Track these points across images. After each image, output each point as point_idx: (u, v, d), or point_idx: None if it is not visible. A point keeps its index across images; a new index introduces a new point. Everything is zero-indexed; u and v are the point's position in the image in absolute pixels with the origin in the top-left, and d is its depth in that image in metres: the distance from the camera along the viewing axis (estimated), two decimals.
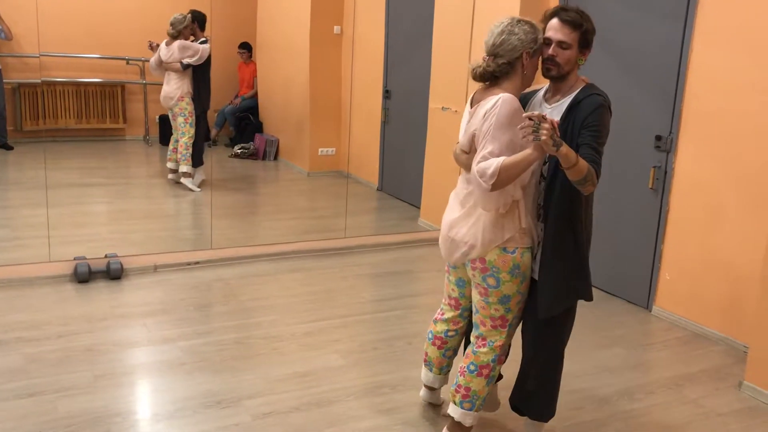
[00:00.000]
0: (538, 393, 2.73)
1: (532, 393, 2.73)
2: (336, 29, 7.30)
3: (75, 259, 4.49)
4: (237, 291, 4.44)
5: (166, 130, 6.48)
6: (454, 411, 2.75)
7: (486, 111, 2.46)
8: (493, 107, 2.43)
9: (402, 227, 5.94)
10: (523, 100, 2.64)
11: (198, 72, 6.23)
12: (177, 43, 6.09)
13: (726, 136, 3.92)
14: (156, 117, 6.55)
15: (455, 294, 2.86)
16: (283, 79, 7.68)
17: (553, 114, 2.52)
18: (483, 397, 2.73)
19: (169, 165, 6.37)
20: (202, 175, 6.38)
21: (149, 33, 6.18)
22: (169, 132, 6.44)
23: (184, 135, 6.17)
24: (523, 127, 2.28)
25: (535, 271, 2.61)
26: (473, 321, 2.74)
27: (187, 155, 6.19)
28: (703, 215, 4.06)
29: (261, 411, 3.05)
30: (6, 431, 2.81)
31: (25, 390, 3.12)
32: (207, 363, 3.46)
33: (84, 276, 4.39)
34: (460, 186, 2.68)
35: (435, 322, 2.97)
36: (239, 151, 7.64)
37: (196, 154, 6.30)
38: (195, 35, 6.20)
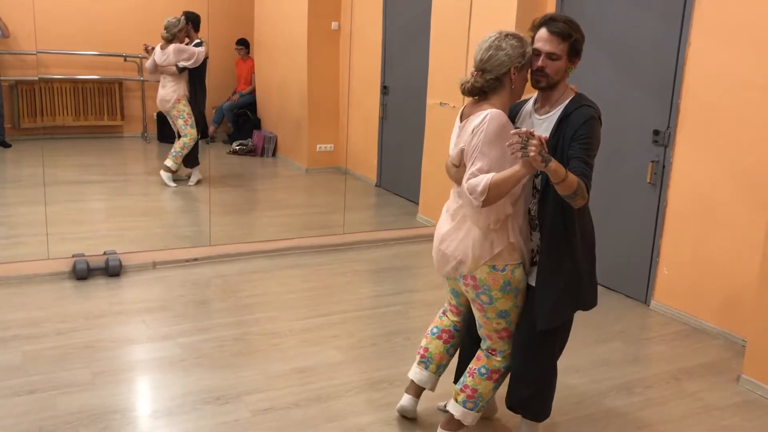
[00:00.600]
0: (531, 397, 2.72)
1: (526, 397, 2.72)
2: (334, 25, 7.29)
3: (74, 257, 4.49)
4: (236, 287, 4.44)
5: (163, 127, 6.48)
6: (455, 409, 2.75)
7: (474, 127, 2.44)
8: (482, 123, 2.41)
9: (400, 223, 5.95)
10: (513, 111, 2.63)
11: (194, 74, 6.21)
12: (172, 47, 6.07)
13: (724, 130, 3.92)
14: (154, 114, 6.55)
15: (453, 302, 2.89)
16: (281, 76, 7.68)
17: (543, 126, 2.50)
18: (487, 400, 2.75)
19: (166, 162, 6.37)
20: (198, 175, 6.38)
21: (146, 30, 6.18)
22: (168, 129, 6.45)
23: (186, 136, 6.17)
24: (512, 144, 2.26)
25: (532, 279, 2.59)
26: (480, 334, 2.74)
27: (181, 153, 6.17)
28: (701, 210, 4.07)
29: (260, 407, 3.06)
30: (5, 428, 2.81)
31: (24, 387, 3.12)
32: (206, 359, 3.47)
33: (83, 273, 4.39)
34: (451, 199, 2.67)
35: (441, 317, 2.96)
36: (237, 148, 7.65)
37: (191, 154, 6.29)
38: (190, 37, 6.17)
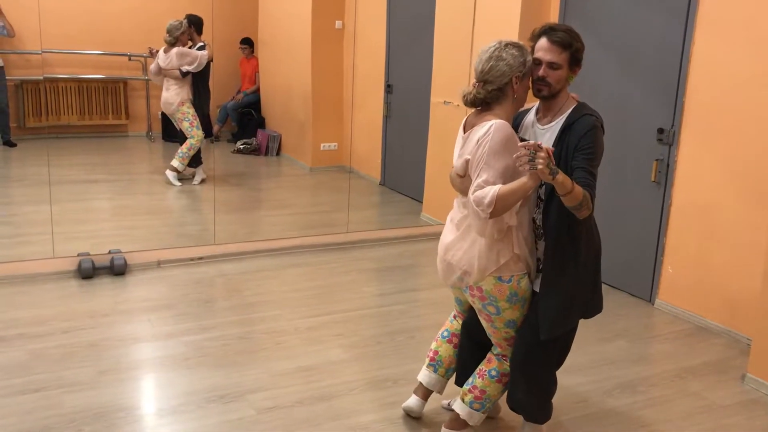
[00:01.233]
0: (529, 402, 2.71)
1: (523, 401, 2.71)
2: (337, 24, 7.29)
3: (79, 256, 4.51)
4: (240, 286, 4.45)
5: (168, 126, 6.49)
6: (461, 409, 2.75)
7: (479, 138, 2.43)
8: (486, 134, 2.41)
9: (404, 222, 5.95)
10: (515, 120, 2.62)
11: (197, 78, 6.21)
12: (175, 50, 6.07)
13: (728, 129, 3.91)
14: (158, 113, 6.56)
15: (458, 309, 2.90)
16: (285, 75, 7.69)
17: (546, 136, 2.50)
18: (493, 402, 2.76)
19: (173, 162, 6.39)
20: (202, 174, 6.40)
21: (151, 29, 6.19)
22: (172, 128, 6.45)
23: (193, 138, 6.17)
24: (519, 156, 2.26)
25: (537, 285, 2.57)
26: (491, 339, 2.73)
27: (188, 155, 6.19)
28: (706, 208, 4.06)
29: (264, 405, 3.07)
30: (11, 426, 2.82)
31: (30, 386, 3.13)
32: (210, 358, 3.48)
33: (88, 272, 4.41)
34: (455, 209, 2.66)
35: (451, 321, 2.96)
36: (242, 147, 7.66)
37: (194, 154, 6.31)
38: (192, 40, 6.17)
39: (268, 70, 7.80)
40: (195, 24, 6.15)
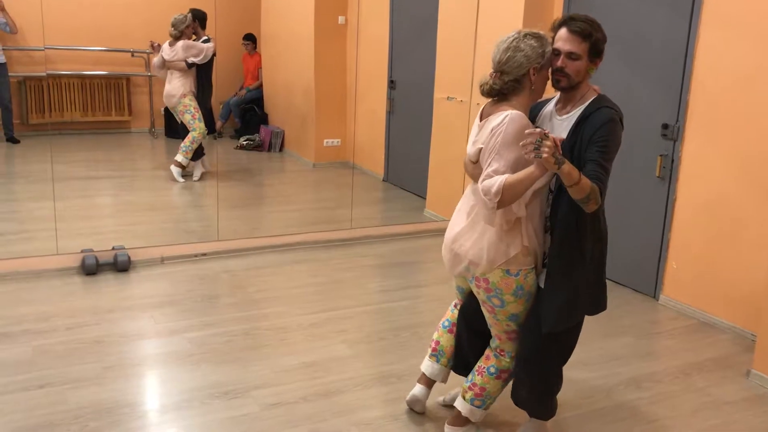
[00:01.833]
0: (532, 399, 2.69)
1: (527, 398, 2.70)
2: (340, 20, 7.27)
3: (82, 252, 4.51)
4: (244, 282, 4.45)
5: (171, 122, 6.50)
6: (462, 406, 2.75)
7: (494, 127, 2.41)
8: (500, 124, 2.38)
9: (408, 218, 5.94)
10: (534, 110, 2.60)
11: (201, 70, 6.25)
12: (181, 43, 6.11)
13: (733, 124, 3.89)
14: (161, 109, 6.56)
15: (460, 297, 2.89)
16: (288, 71, 7.68)
17: (563, 127, 2.46)
18: (494, 399, 2.75)
19: (177, 157, 6.39)
20: (201, 168, 6.40)
21: (153, 25, 6.18)
22: (175, 124, 6.46)
23: (194, 130, 6.18)
24: (525, 144, 2.24)
25: (541, 280, 2.55)
26: (491, 332, 2.72)
27: (191, 148, 6.19)
28: (711, 204, 4.04)
29: (268, 401, 3.07)
30: (16, 422, 2.83)
31: (35, 382, 3.13)
32: (214, 354, 3.48)
33: (91, 268, 4.41)
34: (464, 198, 2.64)
35: (452, 310, 2.96)
36: (245, 143, 7.65)
37: (197, 147, 6.33)
38: (197, 34, 6.22)
39: (270, 66, 7.79)
40: (199, 18, 6.19)
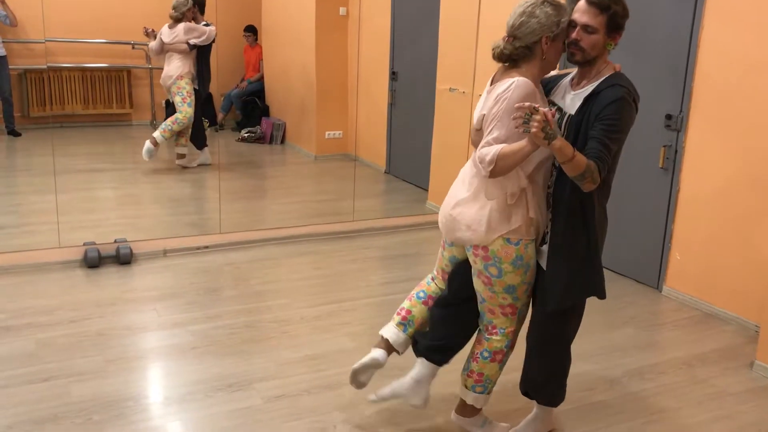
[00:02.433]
0: (545, 382, 2.70)
1: (539, 382, 2.70)
2: (342, 11, 7.24)
3: (84, 245, 4.51)
4: (246, 275, 4.44)
5: (172, 114, 6.48)
6: (466, 395, 2.74)
7: (498, 94, 2.36)
8: (506, 91, 2.34)
9: (410, 210, 5.93)
10: (551, 83, 2.55)
11: (201, 54, 6.25)
12: (182, 25, 6.11)
13: (737, 115, 3.87)
14: (162, 101, 6.54)
15: (448, 269, 2.77)
16: (289, 62, 7.65)
17: (575, 102, 2.41)
18: (494, 381, 2.73)
19: (177, 150, 6.38)
20: (202, 159, 6.41)
21: (153, 17, 6.17)
22: None
23: (180, 113, 6.17)
24: (515, 117, 2.21)
25: (543, 261, 2.53)
26: (480, 310, 2.68)
27: (170, 128, 6.17)
28: (714, 195, 4.03)
29: (272, 394, 3.07)
30: (21, 414, 2.83)
31: (38, 375, 3.14)
32: (217, 347, 3.48)
33: (94, 261, 4.41)
34: (468, 165, 2.58)
35: (429, 282, 2.86)
36: (246, 135, 7.64)
37: (200, 135, 6.34)
38: (195, 19, 6.22)
39: (272, 57, 7.77)
40: (199, 4, 6.22)
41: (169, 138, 6.22)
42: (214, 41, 6.26)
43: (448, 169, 5.71)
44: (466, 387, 2.74)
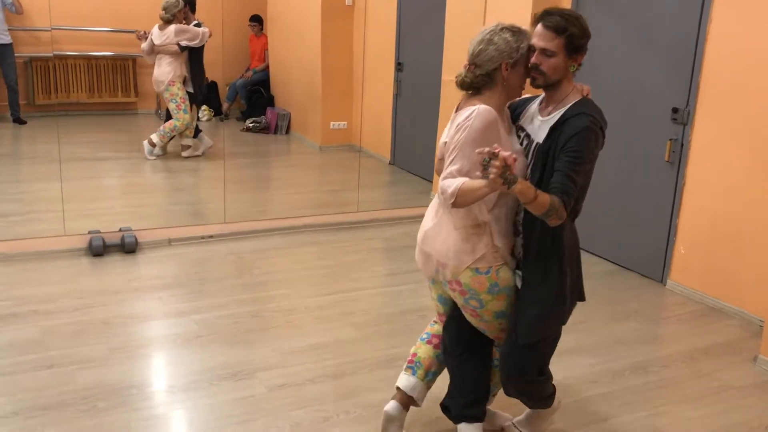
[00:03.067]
0: (528, 398, 2.62)
1: (523, 397, 2.61)
2: (348, 1, 7.22)
3: (89, 233, 4.51)
4: (251, 264, 4.45)
5: (170, 118, 6.48)
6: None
7: (459, 123, 2.31)
8: (466, 119, 2.29)
9: (414, 201, 5.92)
10: (520, 107, 2.50)
11: (192, 55, 6.21)
12: (173, 27, 6.07)
13: (744, 108, 3.86)
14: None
15: (441, 310, 2.70)
16: (295, 52, 7.63)
17: (543, 129, 2.34)
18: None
19: (183, 142, 6.38)
20: (203, 144, 6.42)
21: (159, 6, 6.15)
22: None
23: (177, 120, 6.15)
24: (476, 162, 2.14)
25: (518, 281, 2.45)
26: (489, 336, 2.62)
27: (169, 135, 6.19)
28: (720, 189, 4.02)
29: (275, 383, 3.08)
30: (26, 401, 2.84)
31: (43, 362, 3.15)
32: (221, 336, 3.49)
33: (99, 249, 4.42)
34: (437, 194, 2.50)
35: (432, 324, 2.80)
36: (251, 125, 7.63)
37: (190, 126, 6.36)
38: (187, 18, 6.16)
39: (277, 47, 7.75)
40: (189, 3, 6.16)
41: (167, 142, 6.25)
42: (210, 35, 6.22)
43: None
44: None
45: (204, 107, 6.98)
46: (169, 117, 6.22)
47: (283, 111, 7.76)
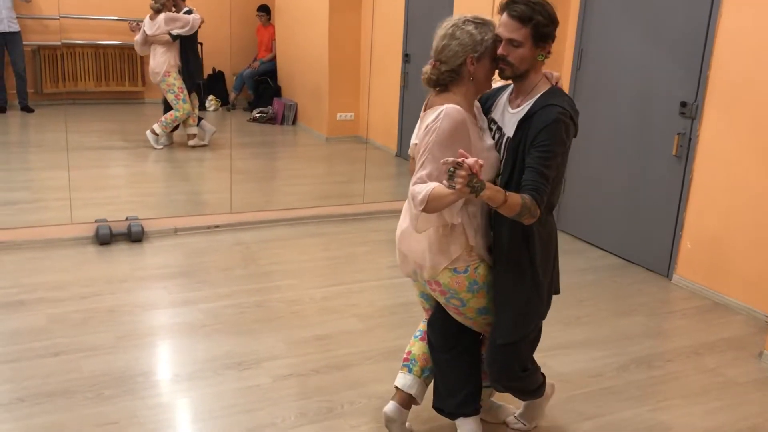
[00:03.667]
0: (520, 393, 2.62)
1: (516, 393, 2.62)
2: None
3: (96, 222, 4.53)
4: (256, 255, 4.46)
5: (169, 109, 6.47)
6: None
7: (428, 125, 2.25)
8: (435, 120, 2.23)
9: None
10: (491, 99, 2.46)
11: (185, 43, 6.17)
12: (162, 16, 6.03)
13: (753, 103, 3.83)
14: None
15: (426, 306, 2.68)
16: (302, 43, 7.62)
17: (513, 122, 2.30)
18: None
19: (188, 131, 6.39)
20: (207, 132, 6.42)
21: None
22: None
23: (177, 111, 6.15)
24: (442, 172, 2.08)
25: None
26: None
27: (170, 125, 6.18)
28: (727, 184, 4.00)
29: (280, 373, 3.09)
30: (33, 388, 2.86)
31: (50, 349, 3.17)
32: (227, 325, 3.50)
33: (105, 238, 4.43)
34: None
35: (424, 321, 2.77)
36: (258, 116, 7.63)
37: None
38: (177, 6, 6.11)
39: (284, 38, 7.73)
40: None
41: (171, 132, 6.25)
42: (200, 27, 6.15)
43: None
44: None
45: (211, 97, 6.97)
46: (168, 107, 6.22)
47: (290, 101, 7.75)
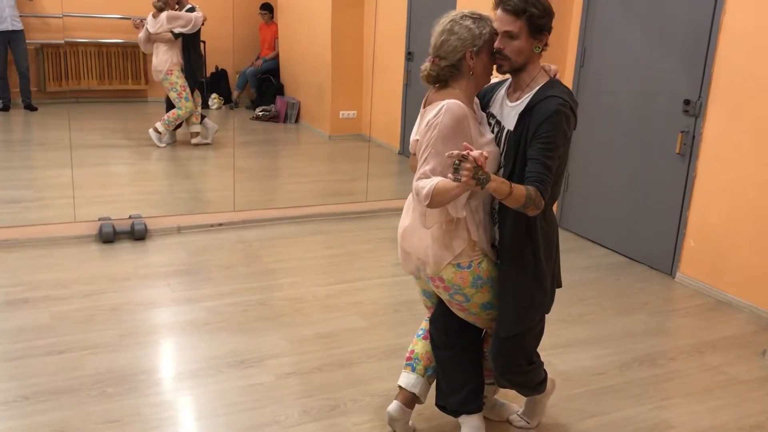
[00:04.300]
0: (522, 387, 2.61)
1: (519, 388, 2.61)
2: None
3: (99, 220, 4.54)
4: (259, 253, 4.47)
5: (171, 107, 6.48)
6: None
7: (429, 120, 2.26)
8: (436, 116, 2.24)
9: None
10: (489, 94, 2.46)
11: (188, 41, 6.17)
12: (165, 14, 6.04)
13: (757, 101, 3.83)
14: None
15: (429, 304, 2.68)
16: (305, 41, 7.62)
17: (512, 115, 2.31)
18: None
19: (191, 129, 6.40)
20: (209, 130, 6.43)
21: None
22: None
23: (180, 109, 6.15)
24: (447, 165, 2.10)
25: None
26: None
27: (173, 123, 6.20)
28: (731, 182, 4.00)
29: (283, 371, 3.09)
30: (37, 385, 2.87)
31: (54, 347, 3.18)
32: (230, 323, 3.50)
33: (109, 236, 4.44)
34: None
35: (426, 320, 2.76)
36: (260, 114, 7.64)
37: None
38: (180, 4, 6.13)
39: (287, 36, 7.74)
40: None
41: (174, 130, 6.27)
42: (202, 25, 6.16)
43: None
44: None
45: (214, 95, 6.98)
46: (171, 106, 6.22)
47: (293, 100, 7.76)
